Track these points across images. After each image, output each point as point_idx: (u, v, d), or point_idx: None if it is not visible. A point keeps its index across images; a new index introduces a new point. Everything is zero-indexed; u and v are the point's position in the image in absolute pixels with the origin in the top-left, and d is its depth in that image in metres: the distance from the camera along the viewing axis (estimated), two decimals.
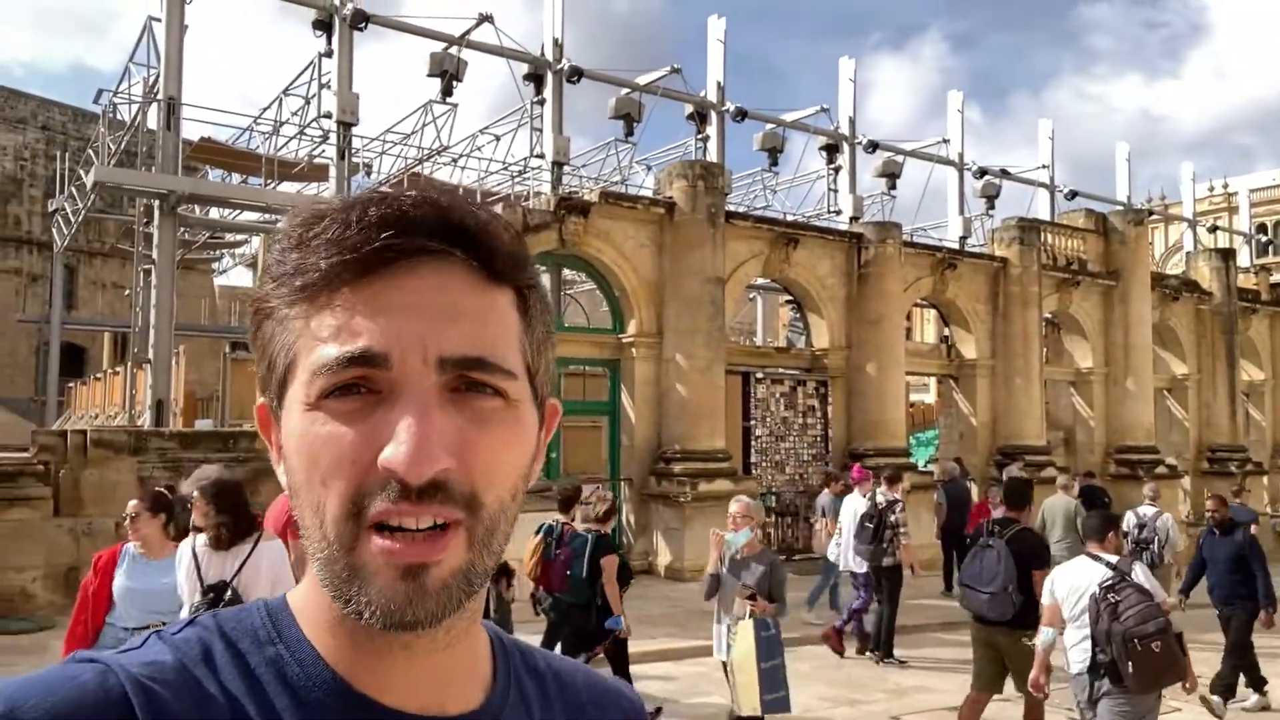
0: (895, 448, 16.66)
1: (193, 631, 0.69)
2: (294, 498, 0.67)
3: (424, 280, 0.66)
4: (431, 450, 0.63)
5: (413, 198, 0.67)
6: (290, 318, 0.67)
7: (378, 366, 0.64)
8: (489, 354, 0.67)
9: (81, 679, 0.61)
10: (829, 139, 20.03)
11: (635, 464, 14.39)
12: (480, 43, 15.64)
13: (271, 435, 0.71)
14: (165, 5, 13.50)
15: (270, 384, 0.69)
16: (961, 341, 19.24)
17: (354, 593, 0.64)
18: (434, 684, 0.71)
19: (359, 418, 0.64)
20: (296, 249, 0.67)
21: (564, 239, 13.78)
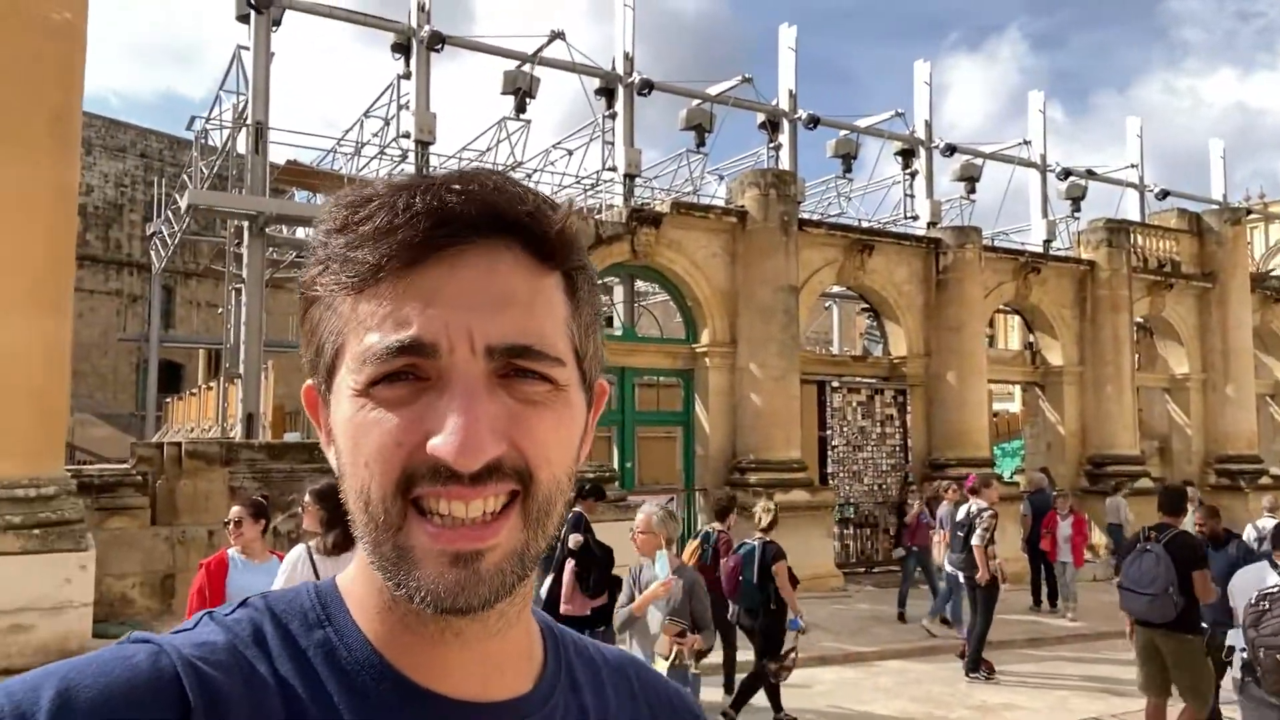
0: (978, 458, 16.19)
1: (244, 613, 0.70)
2: (341, 480, 0.68)
3: (472, 268, 0.66)
4: (480, 438, 0.63)
5: (459, 186, 0.66)
6: (338, 304, 0.67)
7: (426, 355, 0.64)
8: (536, 342, 0.66)
9: (135, 659, 0.62)
10: (904, 143, 19.69)
11: (710, 474, 14.31)
12: (552, 59, 15.87)
13: (319, 417, 0.72)
14: (253, 34, 14.06)
15: (319, 368, 0.70)
16: (1047, 348, 18.64)
17: (403, 576, 0.64)
18: (485, 671, 0.71)
19: (406, 403, 0.64)
20: (342, 232, 0.67)
21: (636, 250, 13.84)
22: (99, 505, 10.40)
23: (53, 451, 8.41)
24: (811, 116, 18.20)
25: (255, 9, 13.86)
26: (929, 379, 16.50)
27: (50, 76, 7.92)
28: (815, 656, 9.79)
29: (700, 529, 7.85)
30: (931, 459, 16.26)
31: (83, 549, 8.05)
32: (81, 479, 10.21)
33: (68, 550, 7.93)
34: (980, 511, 9.67)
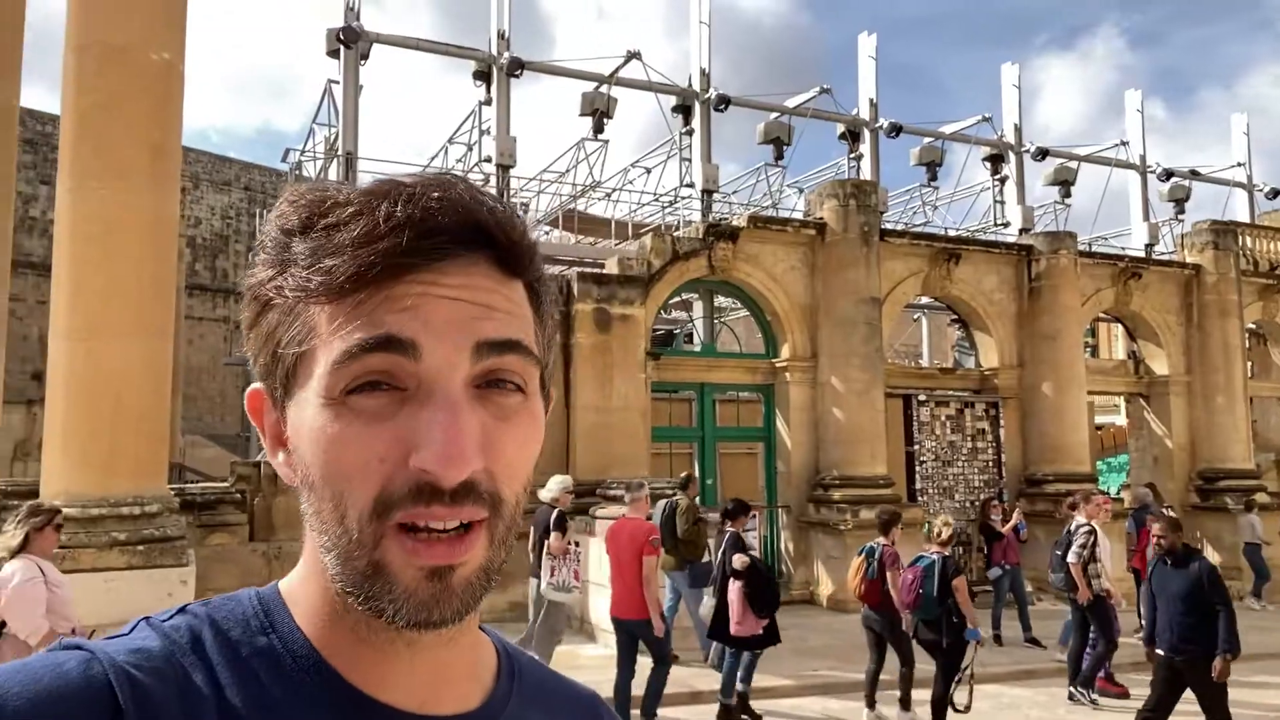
0: (1078, 473, 15.50)
1: (182, 619, 0.68)
2: (308, 491, 0.66)
3: (450, 276, 0.65)
4: (466, 452, 0.63)
5: (437, 196, 0.65)
6: (304, 310, 0.66)
7: (405, 354, 0.63)
8: (523, 339, 0.67)
9: (65, 667, 0.60)
10: (992, 149, 19.14)
11: (792, 491, 14.09)
12: (629, 79, 16.02)
13: (264, 423, 0.70)
14: (342, 69, 14.63)
15: (274, 374, 0.68)
16: (1151, 357, 17.76)
17: (377, 590, 0.64)
18: (432, 681, 0.71)
19: (386, 415, 0.63)
20: (305, 235, 0.66)
21: (713, 265, 13.79)
22: (200, 522, 10.89)
23: (156, 470, 8.83)
24: (893, 125, 17.87)
25: (345, 44, 14.42)
26: (1023, 391, 15.91)
27: (151, 114, 8.38)
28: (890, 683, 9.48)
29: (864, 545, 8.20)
30: (1028, 474, 15.65)
31: (184, 564, 8.41)
32: (184, 497, 10.71)
33: (170, 566, 8.29)
34: (1078, 528, 9.25)
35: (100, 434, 8.17)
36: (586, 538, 10.95)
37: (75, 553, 7.90)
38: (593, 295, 12.63)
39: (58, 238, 8.46)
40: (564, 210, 18.62)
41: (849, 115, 17.84)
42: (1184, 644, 6.76)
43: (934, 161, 19.08)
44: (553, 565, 8.34)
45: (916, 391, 15.44)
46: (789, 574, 14.02)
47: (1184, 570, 6.90)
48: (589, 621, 10.80)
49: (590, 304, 12.58)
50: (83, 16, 8.35)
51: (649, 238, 14.06)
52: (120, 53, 8.30)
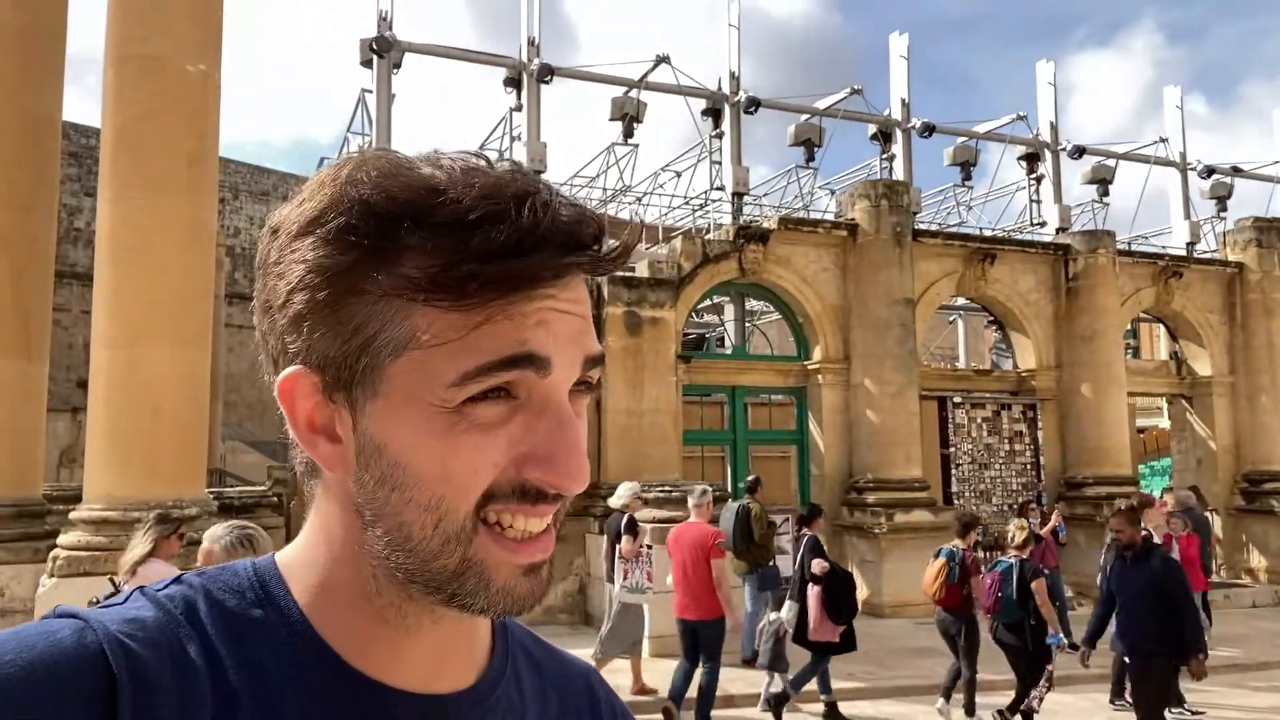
0: (1119, 475, 15.22)
1: (177, 589, 0.67)
2: (390, 490, 0.64)
3: (568, 291, 0.66)
4: (585, 467, 0.66)
5: (569, 206, 0.64)
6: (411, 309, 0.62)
7: (539, 370, 0.63)
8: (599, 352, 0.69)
9: (59, 634, 0.60)
10: (1028, 147, 18.87)
11: (826, 494, 13.97)
12: (658, 83, 16.03)
13: (298, 407, 0.67)
14: (375, 78, 14.81)
15: (349, 367, 0.64)
16: (1194, 357, 17.39)
17: (469, 587, 0.65)
18: (436, 658, 0.71)
19: (503, 423, 0.64)
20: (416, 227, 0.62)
21: (744, 268, 13.74)
22: None
23: (194, 474, 9.00)
24: (926, 125, 17.68)
25: (377, 54, 14.60)
26: (1061, 392, 15.65)
27: (187, 124, 8.56)
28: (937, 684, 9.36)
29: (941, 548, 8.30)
30: (1067, 477, 15.39)
31: None
32: (223, 500, 10.88)
33: None
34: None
35: (140, 440, 8.35)
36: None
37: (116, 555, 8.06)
38: (623, 299, 12.65)
39: (99, 248, 8.66)
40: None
41: (881, 116, 17.69)
42: (1149, 643, 6.39)
43: (968, 161, 18.84)
44: (625, 568, 8.53)
45: (952, 393, 15.26)
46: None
47: (1144, 565, 6.47)
48: None
49: (620, 307, 12.60)
50: (121, 30, 8.55)
51: (679, 241, 14.07)
52: (157, 65, 8.49)
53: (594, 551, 11.78)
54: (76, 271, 27.64)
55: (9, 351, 9.78)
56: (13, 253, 9.80)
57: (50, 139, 10.50)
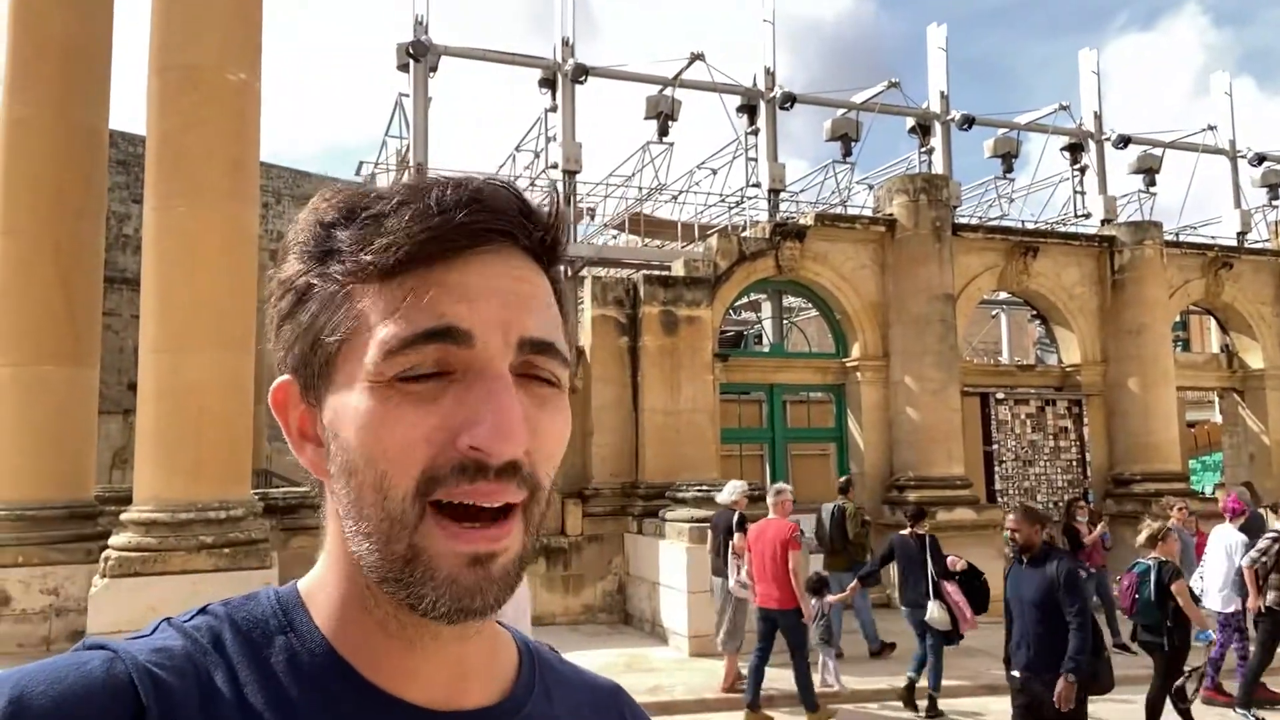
0: (1168, 472, 14.88)
1: (203, 620, 0.69)
2: (346, 477, 0.66)
3: (499, 266, 0.67)
4: (516, 429, 0.64)
5: (482, 185, 0.68)
6: (350, 297, 0.66)
7: (460, 343, 0.64)
8: (556, 340, 0.69)
9: (89, 666, 0.62)
10: (1071, 138, 18.51)
11: (866, 492, 13.83)
12: (694, 81, 15.98)
13: (289, 416, 0.71)
14: (412, 82, 14.94)
15: (312, 365, 0.68)
16: (1245, 350, 16.94)
17: (417, 576, 0.64)
18: (452, 677, 0.71)
19: (433, 398, 0.64)
20: (348, 224, 0.67)
21: (780, 265, 13.65)
22: (284, 526, 11.23)
23: (240, 476, 9.16)
24: (965, 117, 17.42)
25: (414, 58, 14.73)
26: (1107, 387, 15.34)
27: (229, 132, 8.71)
28: (984, 685, 9.24)
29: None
30: (1114, 474, 15.08)
31: (267, 566, 8.69)
32: (268, 501, 11.07)
33: (254, 568, 8.58)
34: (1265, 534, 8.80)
35: (186, 442, 8.51)
36: (655, 540, 10.96)
37: (165, 556, 8.24)
38: (659, 298, 12.64)
39: (144, 255, 8.85)
40: (630, 213, 18.68)
41: (919, 108, 17.47)
42: (1039, 661, 5.62)
43: (1009, 153, 18.52)
44: (738, 564, 8.76)
45: (994, 390, 15.02)
46: None
47: (1039, 571, 5.67)
48: (660, 625, 10.79)
49: (657, 306, 12.59)
50: (163, 40, 8.72)
51: (715, 239, 14.00)
52: (198, 74, 8.64)
53: (633, 551, 11.80)
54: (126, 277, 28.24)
55: (60, 357, 10.03)
56: (62, 260, 10.06)
57: (97, 148, 10.75)
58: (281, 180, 37.52)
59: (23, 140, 10.07)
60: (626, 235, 19.65)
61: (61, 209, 10.08)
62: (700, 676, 9.20)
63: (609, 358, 12.55)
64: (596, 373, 12.56)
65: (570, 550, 11.93)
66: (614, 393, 12.49)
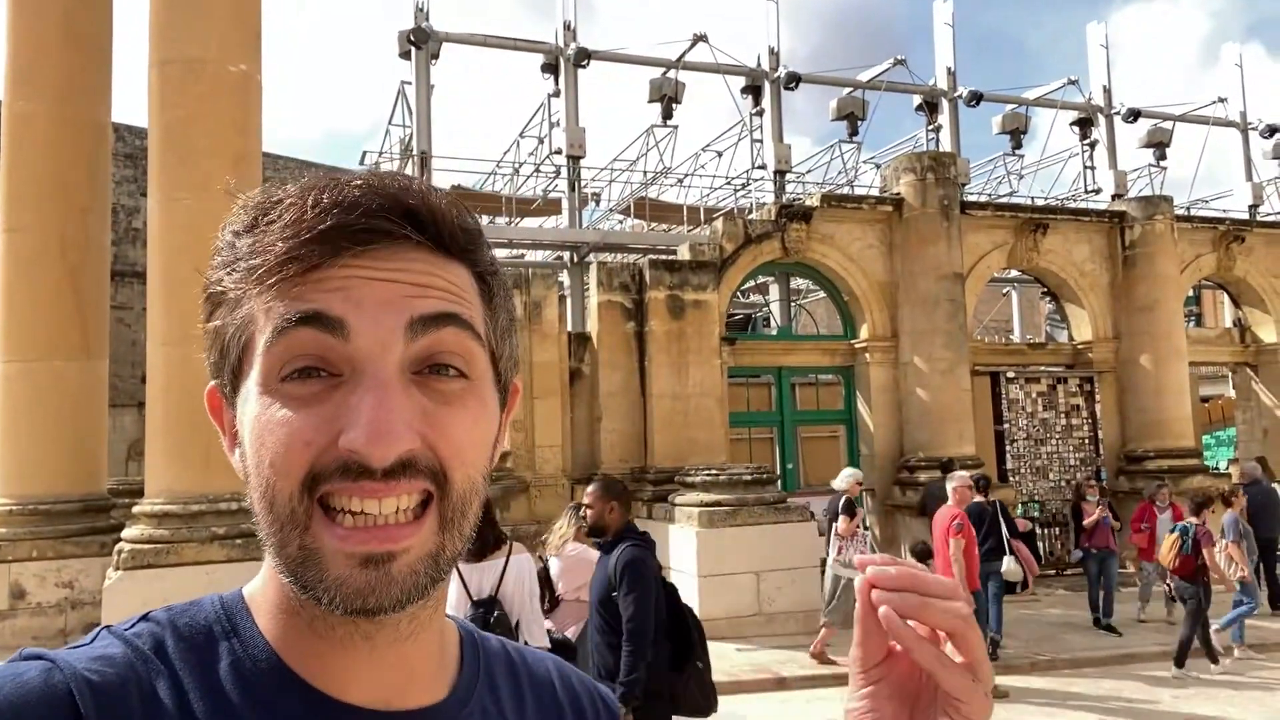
0: (1182, 448, 14.80)
1: (145, 626, 0.69)
2: (248, 481, 0.67)
3: (384, 261, 0.66)
4: (393, 429, 0.62)
5: (360, 183, 0.67)
6: (244, 302, 0.67)
7: (333, 332, 0.63)
8: (462, 311, 0.67)
9: (25, 676, 0.61)
10: (1081, 112, 18.35)
11: (876, 474, 13.81)
12: (697, 63, 15.89)
13: (223, 421, 0.71)
14: (414, 69, 14.89)
15: (223, 370, 0.69)
16: (1258, 324, 16.80)
17: (310, 577, 0.63)
18: (395, 677, 0.70)
19: (317, 401, 0.64)
20: (249, 233, 0.67)
21: (786, 247, 13.58)
22: None
23: None
24: (973, 93, 17.28)
25: (415, 45, 14.68)
26: (1119, 364, 15.24)
27: (231, 124, 8.69)
28: (998, 666, 9.22)
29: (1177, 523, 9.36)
30: (1126, 451, 15.01)
31: None
32: None
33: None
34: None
35: (197, 434, 8.53)
36: (665, 525, 10.97)
37: (178, 548, 8.28)
38: (665, 282, 12.60)
39: (150, 248, 8.86)
40: (635, 198, 18.61)
41: (926, 86, 17.33)
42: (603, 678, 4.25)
43: (1018, 129, 18.40)
44: (840, 545, 9.25)
45: (1005, 368, 14.95)
46: None
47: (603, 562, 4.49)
48: None
49: (663, 291, 12.55)
50: (162, 33, 8.69)
51: (720, 222, 13.94)
52: (199, 66, 8.61)
53: None
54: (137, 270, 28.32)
55: (70, 351, 10.08)
56: (69, 255, 10.09)
57: (101, 141, 10.75)
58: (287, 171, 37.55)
59: (26, 135, 10.08)
60: (632, 220, 19.59)
61: (67, 204, 10.09)
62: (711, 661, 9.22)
63: (616, 343, 12.53)
64: (604, 358, 12.55)
65: None
66: (621, 378, 12.48)
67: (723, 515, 10.24)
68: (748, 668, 8.96)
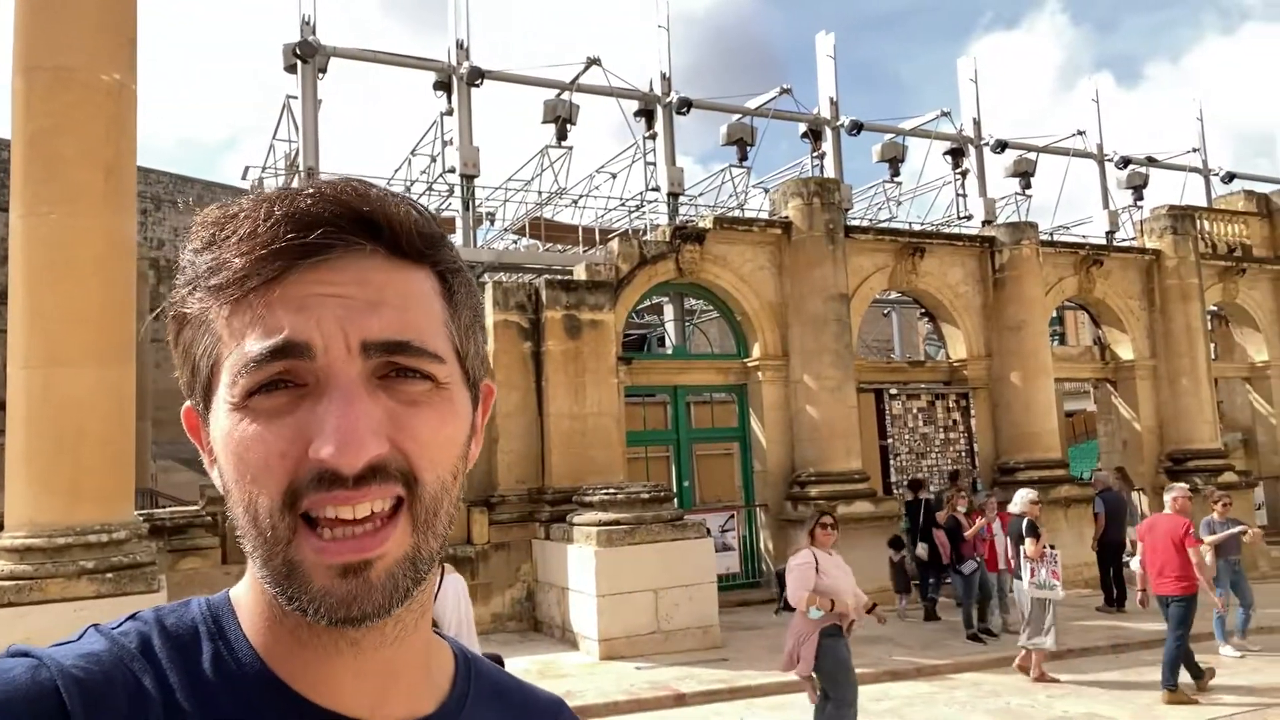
0: (1050, 459, 15.70)
1: (132, 625, 0.69)
2: (227, 498, 0.67)
3: (340, 273, 0.66)
4: (360, 437, 0.62)
5: (313, 193, 0.67)
6: (209, 320, 0.67)
7: (301, 357, 0.64)
8: (414, 338, 0.67)
9: (12, 673, 0.61)
10: (952, 142, 19.36)
11: (769, 489, 14.13)
12: (591, 85, 16.02)
13: (201, 439, 0.71)
14: (301, 83, 14.51)
15: (195, 389, 0.70)
16: (1116, 342, 18.03)
17: (294, 590, 0.64)
18: (379, 684, 0.70)
19: (286, 413, 0.64)
20: (209, 248, 0.67)
21: (681, 268, 13.81)
22: (171, 547, 10.72)
23: (123, 496, 8.69)
24: (854, 122, 18.01)
25: (302, 59, 14.31)
26: (992, 381, 16.08)
27: (103, 135, 8.27)
28: (886, 671, 9.55)
29: None
30: (1000, 463, 15.81)
31: (155, 590, 8.27)
32: (153, 522, 10.54)
33: (140, 593, 8.14)
34: None
35: (63, 462, 8.04)
36: (564, 545, 10.92)
37: (43, 583, 7.75)
38: (561, 302, 12.61)
39: (12, 265, 8.31)
40: (530, 218, 18.58)
41: (810, 114, 17.96)
42: None
43: (896, 157, 19.26)
44: (1032, 567, 9.26)
45: (888, 386, 15.57)
46: (769, 572, 14.04)
47: None
48: (570, 630, 10.76)
49: (559, 311, 12.56)
50: (28, 39, 8.21)
51: (616, 242, 14.07)
52: (69, 74, 8.18)
53: (541, 557, 11.72)
54: None
55: None
56: None
57: None
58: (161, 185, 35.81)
59: None
60: (527, 240, 19.53)
61: None
62: (611, 680, 9.22)
63: (512, 363, 12.44)
64: (500, 379, 12.44)
65: (477, 559, 11.77)
66: (518, 398, 12.39)
67: (621, 534, 10.28)
68: (647, 686, 8.99)
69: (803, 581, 6.26)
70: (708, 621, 10.48)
